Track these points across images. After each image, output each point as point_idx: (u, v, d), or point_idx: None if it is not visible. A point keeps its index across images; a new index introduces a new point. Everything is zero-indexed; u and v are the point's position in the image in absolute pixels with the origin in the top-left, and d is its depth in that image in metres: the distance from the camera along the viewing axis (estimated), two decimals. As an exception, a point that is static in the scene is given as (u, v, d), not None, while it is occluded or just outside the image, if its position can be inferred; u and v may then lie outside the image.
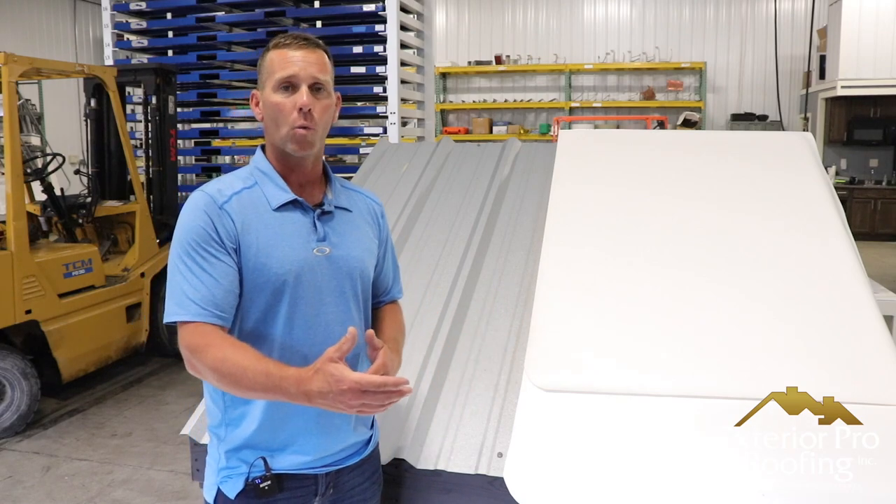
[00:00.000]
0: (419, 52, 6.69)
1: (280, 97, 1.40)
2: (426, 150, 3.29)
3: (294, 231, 1.43)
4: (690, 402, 1.59)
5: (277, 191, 1.44)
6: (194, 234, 1.37)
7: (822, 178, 2.20)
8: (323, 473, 1.49)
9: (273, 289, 1.40)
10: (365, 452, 1.57)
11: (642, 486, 1.48)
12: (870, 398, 1.54)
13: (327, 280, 1.44)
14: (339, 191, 1.54)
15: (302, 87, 1.40)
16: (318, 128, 1.42)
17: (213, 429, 1.51)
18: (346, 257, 1.47)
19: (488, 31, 13.16)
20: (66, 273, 4.50)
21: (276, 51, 1.43)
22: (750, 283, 1.86)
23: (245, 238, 1.39)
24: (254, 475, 1.44)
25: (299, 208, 1.45)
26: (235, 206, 1.41)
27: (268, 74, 1.43)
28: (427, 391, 1.98)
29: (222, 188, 1.43)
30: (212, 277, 1.36)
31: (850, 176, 11.51)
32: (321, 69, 1.42)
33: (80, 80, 7.28)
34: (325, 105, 1.43)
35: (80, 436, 4.20)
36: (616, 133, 4.52)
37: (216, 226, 1.38)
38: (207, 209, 1.39)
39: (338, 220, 1.49)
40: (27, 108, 7.94)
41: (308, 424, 1.45)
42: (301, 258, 1.41)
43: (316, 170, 1.50)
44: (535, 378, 1.67)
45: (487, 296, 2.36)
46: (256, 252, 1.39)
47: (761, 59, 12.00)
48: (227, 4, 6.42)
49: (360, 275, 1.50)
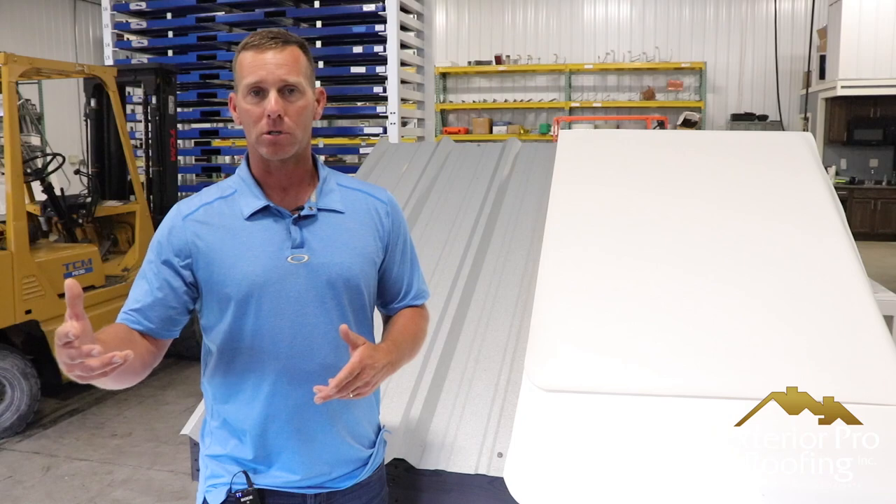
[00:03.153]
0: (419, 52, 6.70)
1: (249, 104, 1.34)
2: (426, 150, 3.29)
3: (265, 239, 1.37)
4: (690, 402, 1.58)
5: (251, 199, 1.39)
6: (153, 244, 1.40)
7: (822, 178, 2.20)
8: (312, 494, 1.43)
9: (237, 300, 1.36)
10: (361, 476, 1.48)
11: (642, 486, 1.48)
12: (870, 398, 1.54)
13: (305, 289, 1.37)
14: (332, 191, 1.45)
15: (270, 92, 1.32)
16: (293, 130, 1.35)
17: (201, 435, 1.51)
18: (328, 264, 1.38)
19: (488, 31, 13.15)
20: (66, 273, 4.50)
21: (245, 52, 1.35)
22: (750, 283, 1.86)
23: (204, 251, 1.37)
24: (235, 488, 1.41)
25: (274, 215, 1.39)
26: (201, 218, 1.39)
27: (238, 79, 1.36)
28: (427, 391, 1.98)
29: (194, 200, 1.42)
30: (150, 288, 1.37)
31: (850, 176, 11.51)
32: (291, 69, 1.34)
33: (80, 80, 7.27)
34: (299, 107, 1.35)
35: (80, 436, 4.20)
36: (616, 133, 4.52)
37: (170, 239, 1.38)
38: (171, 221, 1.40)
39: (322, 223, 1.41)
40: (27, 108, 7.94)
41: (289, 441, 1.40)
42: (269, 267, 1.36)
43: (301, 171, 1.43)
44: (535, 378, 1.67)
45: (487, 296, 2.36)
46: (220, 264, 1.36)
47: (761, 59, 12.00)
48: (227, 4, 6.43)
49: (344, 283, 1.40)
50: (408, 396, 1.96)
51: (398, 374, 1.91)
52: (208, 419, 1.49)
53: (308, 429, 1.41)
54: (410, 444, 1.84)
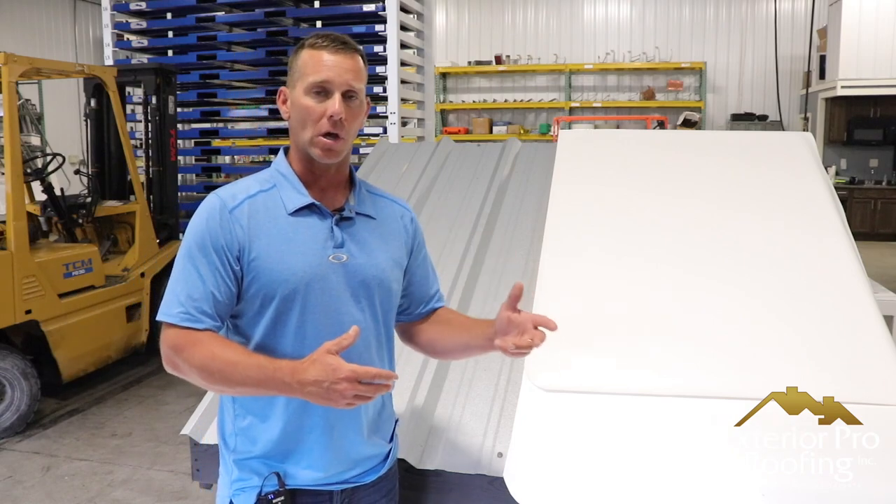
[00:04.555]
0: (419, 52, 6.70)
1: (311, 101, 1.35)
2: (426, 150, 3.29)
3: (309, 236, 1.38)
4: (690, 402, 1.59)
5: (295, 194, 1.40)
6: (198, 237, 1.36)
7: (822, 178, 2.20)
8: (338, 490, 1.45)
9: (283, 296, 1.36)
10: (382, 470, 1.52)
11: (642, 486, 1.48)
12: (870, 398, 1.54)
13: (342, 288, 1.40)
14: (364, 197, 1.49)
15: (335, 94, 1.35)
16: (349, 136, 1.38)
17: (223, 437, 1.48)
18: (364, 265, 1.42)
19: (488, 31, 13.15)
20: (66, 273, 4.50)
21: (312, 51, 1.37)
22: (750, 283, 1.86)
23: (253, 244, 1.36)
24: (266, 490, 1.40)
25: (317, 213, 1.40)
26: (247, 211, 1.38)
27: (300, 74, 1.37)
28: (427, 391, 1.98)
29: (237, 192, 1.40)
30: (204, 283, 1.34)
31: (850, 176, 11.51)
32: (356, 76, 1.37)
33: (80, 80, 7.28)
34: (357, 113, 1.39)
35: (80, 436, 4.20)
36: (616, 133, 4.52)
37: (220, 231, 1.35)
38: (215, 213, 1.37)
39: (359, 227, 1.44)
40: (27, 108, 7.94)
41: (321, 438, 1.41)
42: (314, 264, 1.37)
43: (340, 174, 1.46)
44: (535, 378, 1.67)
45: (487, 296, 2.36)
46: (266, 258, 1.36)
47: (761, 59, 12.00)
48: (227, 4, 6.43)
49: (378, 284, 1.44)
50: (408, 396, 1.96)
51: (398, 374, 1.91)
52: (231, 420, 1.46)
53: (340, 426, 1.42)
54: (410, 443, 1.84)
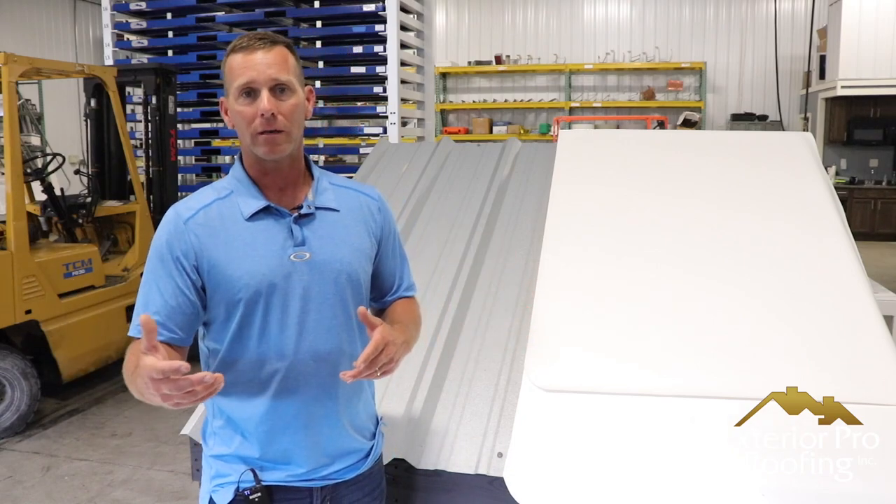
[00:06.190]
0: (419, 52, 6.70)
1: (242, 105, 1.36)
2: (426, 150, 3.29)
3: (268, 239, 1.39)
4: (690, 402, 1.59)
5: (250, 199, 1.40)
6: (156, 251, 1.39)
7: (822, 178, 2.20)
8: (318, 487, 1.45)
9: (246, 300, 1.37)
10: (363, 467, 1.52)
11: (642, 486, 1.48)
12: (870, 398, 1.54)
13: (309, 286, 1.40)
14: (326, 189, 1.48)
15: (262, 92, 1.34)
16: (288, 128, 1.37)
17: (203, 436, 1.51)
18: (329, 261, 1.42)
19: (488, 31, 13.15)
20: (66, 273, 4.50)
21: (234, 55, 1.37)
22: (750, 283, 1.86)
23: (210, 253, 1.37)
24: (243, 486, 1.41)
25: (274, 214, 1.40)
26: (201, 220, 1.38)
27: (228, 82, 1.37)
28: (427, 391, 1.98)
29: (192, 204, 1.41)
30: (162, 296, 1.35)
31: (850, 176, 11.50)
32: (281, 69, 1.36)
33: (80, 80, 7.27)
34: (292, 105, 1.37)
35: (80, 436, 4.20)
36: (616, 133, 4.52)
37: (176, 243, 1.37)
38: (170, 226, 1.39)
39: (321, 222, 1.44)
40: (27, 108, 7.94)
41: (296, 434, 1.42)
42: (274, 266, 1.37)
43: (295, 171, 1.45)
44: (535, 378, 1.67)
45: (487, 296, 2.36)
46: (226, 265, 1.36)
47: (761, 59, 11.99)
48: (227, 4, 6.43)
49: (346, 278, 1.43)
50: (408, 396, 1.96)
51: (398, 374, 1.91)
52: (210, 419, 1.49)
53: (314, 423, 1.43)
54: (410, 443, 1.84)
